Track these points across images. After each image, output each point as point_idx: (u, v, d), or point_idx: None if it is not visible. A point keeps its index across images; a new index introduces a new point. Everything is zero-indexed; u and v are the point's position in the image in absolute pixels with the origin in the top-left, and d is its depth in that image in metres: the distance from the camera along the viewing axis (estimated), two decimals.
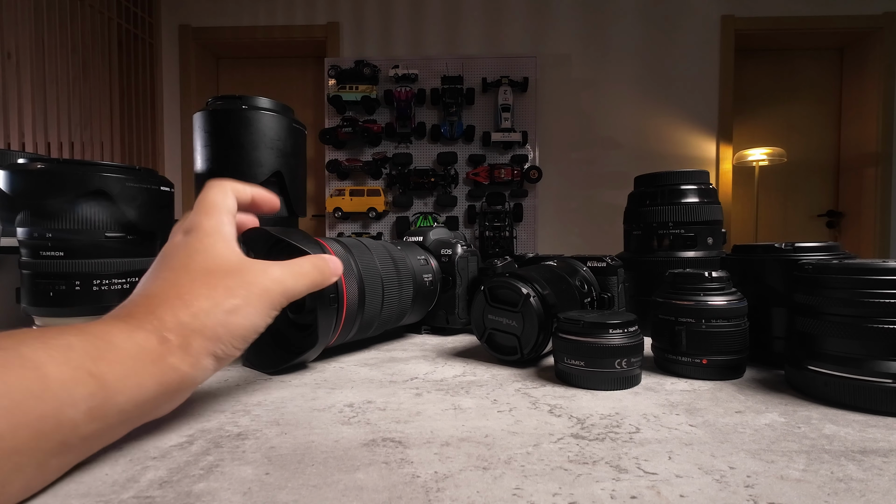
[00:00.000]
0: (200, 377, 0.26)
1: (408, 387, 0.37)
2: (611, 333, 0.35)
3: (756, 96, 3.10)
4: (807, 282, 0.35)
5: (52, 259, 0.41)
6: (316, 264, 0.33)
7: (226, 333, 0.27)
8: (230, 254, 0.30)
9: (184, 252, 0.29)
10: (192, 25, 3.02)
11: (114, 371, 0.22)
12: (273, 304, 0.29)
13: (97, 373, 0.21)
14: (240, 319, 0.27)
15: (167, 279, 0.28)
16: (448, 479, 0.22)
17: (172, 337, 0.25)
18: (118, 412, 0.22)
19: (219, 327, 0.26)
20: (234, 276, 0.28)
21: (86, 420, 0.21)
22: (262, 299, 0.28)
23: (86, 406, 0.21)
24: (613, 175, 2.86)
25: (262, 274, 0.29)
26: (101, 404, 0.21)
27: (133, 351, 0.23)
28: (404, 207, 2.81)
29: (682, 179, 0.53)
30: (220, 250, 0.29)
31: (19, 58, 2.24)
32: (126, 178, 0.43)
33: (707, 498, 0.21)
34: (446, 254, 0.55)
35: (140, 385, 0.23)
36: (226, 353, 0.27)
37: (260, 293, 0.28)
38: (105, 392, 0.22)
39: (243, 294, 0.28)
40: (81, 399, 0.21)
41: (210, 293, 0.27)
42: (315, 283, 0.33)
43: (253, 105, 0.47)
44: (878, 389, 0.30)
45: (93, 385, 0.21)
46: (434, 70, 2.79)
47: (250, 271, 0.29)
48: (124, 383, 0.22)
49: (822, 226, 3.11)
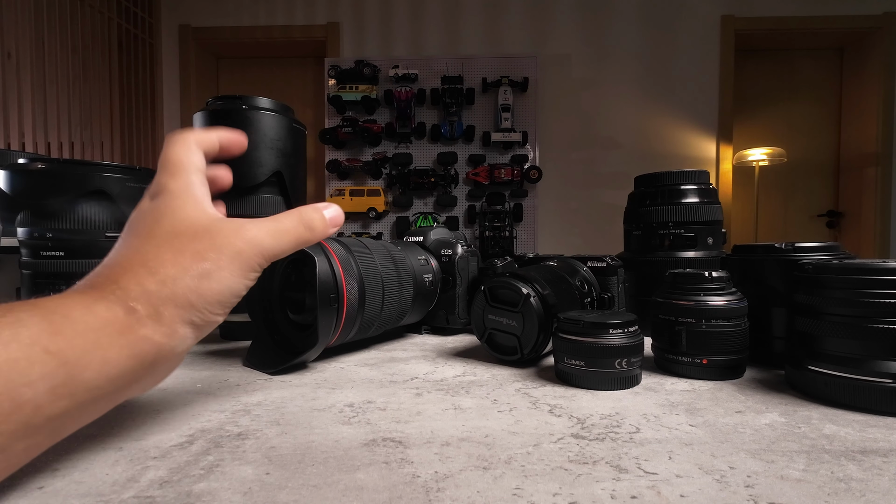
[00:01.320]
0: (180, 347, 0.25)
1: (408, 387, 0.37)
2: (611, 333, 0.35)
3: (756, 96, 3.10)
4: (807, 282, 0.35)
5: (52, 259, 0.41)
6: (303, 218, 0.29)
7: (199, 300, 0.25)
8: (200, 214, 0.27)
9: (150, 217, 0.27)
10: (192, 25, 3.02)
11: (73, 346, 0.21)
12: (250, 266, 0.27)
13: (54, 349, 0.20)
14: (213, 284, 0.25)
15: (131, 246, 0.26)
16: (448, 478, 0.22)
17: (140, 307, 0.23)
18: (86, 389, 0.21)
19: (190, 293, 0.25)
20: (202, 238, 0.26)
21: (49, 399, 0.20)
22: (235, 261, 0.26)
23: (46, 385, 0.19)
24: (613, 175, 2.86)
25: (235, 234, 0.27)
26: (65, 382, 0.20)
27: (94, 324, 0.22)
28: (404, 207, 2.81)
29: (682, 179, 0.53)
30: (189, 212, 0.27)
31: (19, 58, 2.24)
32: (126, 178, 0.43)
33: (707, 498, 0.21)
34: (446, 254, 0.55)
35: (107, 359, 0.22)
36: (204, 321, 0.25)
37: (232, 255, 0.26)
38: (66, 369, 0.20)
39: (213, 257, 0.26)
40: (39, 378, 0.19)
41: (176, 258, 0.25)
42: (300, 240, 0.29)
43: (253, 105, 0.47)
44: (878, 389, 0.30)
45: (51, 363, 0.20)
46: (434, 70, 2.79)
47: (220, 232, 0.27)
48: (88, 358, 0.21)
49: (822, 226, 3.11)
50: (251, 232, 0.27)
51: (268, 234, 0.28)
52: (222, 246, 0.26)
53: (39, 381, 0.19)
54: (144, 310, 0.23)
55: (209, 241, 0.26)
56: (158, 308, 0.24)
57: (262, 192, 0.48)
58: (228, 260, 0.26)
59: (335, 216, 0.31)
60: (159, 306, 0.24)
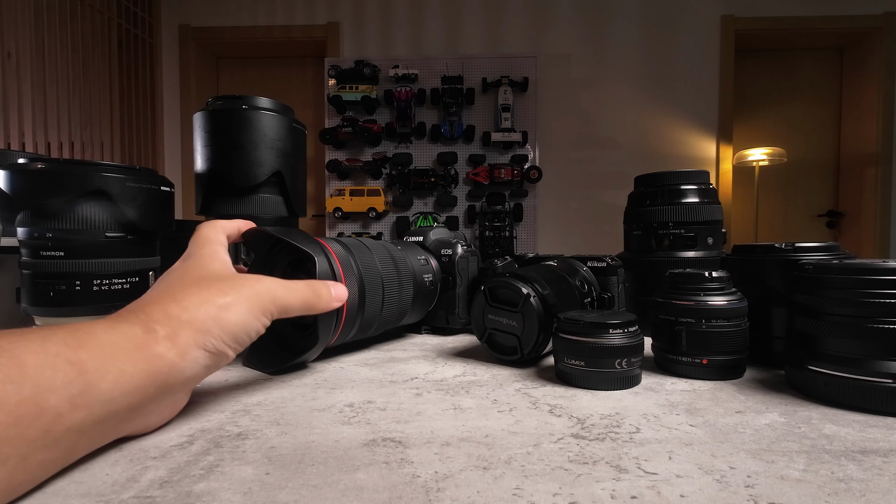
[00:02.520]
0: (190, 369, 0.26)
1: (408, 387, 0.37)
2: (611, 333, 0.35)
3: (756, 96, 3.10)
4: (807, 282, 0.35)
5: (52, 259, 0.41)
6: (312, 286, 0.34)
7: (216, 327, 0.27)
8: (224, 269, 0.32)
9: (180, 271, 0.31)
10: (192, 25, 3.02)
11: (94, 357, 0.22)
12: (264, 309, 0.30)
13: (76, 360, 0.22)
14: (231, 315, 0.28)
15: (161, 289, 0.29)
16: (448, 479, 0.22)
17: (159, 328, 0.25)
18: (102, 402, 0.22)
19: (209, 320, 0.27)
20: (225, 281, 0.30)
21: (69, 408, 0.21)
22: (253, 301, 0.30)
23: (66, 393, 0.21)
24: (613, 175, 2.86)
25: (255, 281, 0.31)
26: (83, 391, 0.21)
27: (114, 339, 0.24)
28: (404, 207, 2.81)
29: (682, 179, 0.53)
30: (216, 266, 0.32)
31: (19, 58, 2.24)
32: (126, 178, 0.43)
33: (707, 498, 0.21)
34: (446, 254, 0.55)
35: (123, 371, 0.23)
36: (216, 349, 0.27)
37: (251, 295, 0.30)
38: (85, 378, 0.21)
39: (234, 294, 0.29)
40: (62, 385, 0.21)
41: (201, 292, 0.28)
42: (308, 303, 0.34)
43: (253, 105, 0.47)
44: (878, 389, 0.30)
45: (72, 372, 0.21)
46: (434, 70, 2.79)
47: (241, 279, 0.31)
48: (106, 369, 0.22)
49: (822, 226, 3.11)
50: (268, 282, 0.31)
51: (281, 286, 0.32)
52: (242, 287, 0.30)
53: (62, 389, 0.21)
54: (163, 330, 0.25)
55: (231, 284, 0.30)
56: (176, 329, 0.26)
57: (262, 192, 0.48)
58: (247, 299, 0.29)
59: (340, 294, 0.36)
60: (178, 328, 0.26)
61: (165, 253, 0.50)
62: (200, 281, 0.29)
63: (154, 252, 0.47)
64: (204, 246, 0.33)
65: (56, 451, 0.21)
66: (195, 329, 0.26)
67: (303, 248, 0.38)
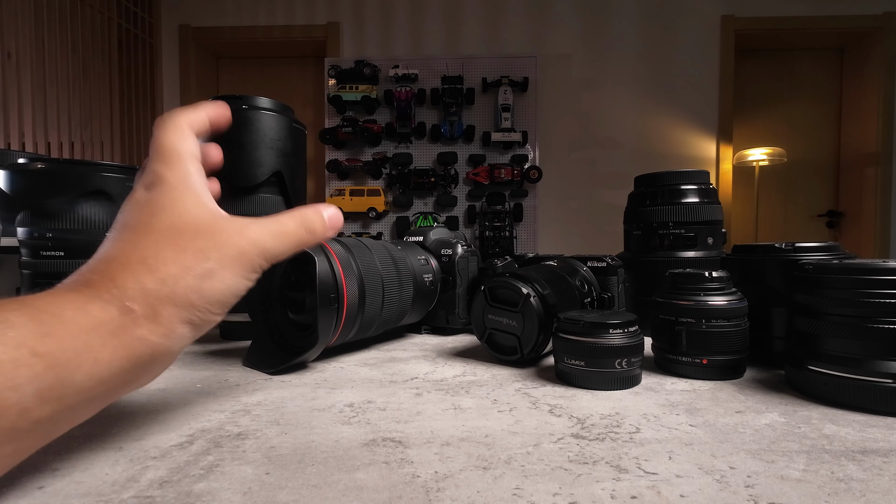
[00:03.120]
0: (177, 347, 0.24)
1: (408, 387, 0.37)
2: (611, 333, 0.35)
3: (756, 96, 3.10)
4: (807, 282, 0.35)
5: (52, 259, 0.41)
6: (304, 221, 0.29)
7: (200, 299, 0.24)
8: (201, 210, 0.26)
9: (147, 210, 0.26)
10: (192, 25, 3.02)
11: (64, 348, 0.20)
12: (252, 267, 0.26)
13: (43, 351, 0.19)
14: (215, 284, 0.25)
15: (128, 240, 0.25)
16: (448, 478, 0.22)
17: (137, 307, 0.23)
18: (76, 392, 0.20)
19: (191, 293, 0.24)
20: (205, 236, 0.25)
21: (36, 403, 0.19)
22: (239, 261, 0.26)
23: (33, 388, 0.19)
24: (613, 175, 2.86)
25: (238, 234, 0.26)
26: (53, 385, 0.19)
27: (87, 324, 0.21)
28: (404, 207, 2.81)
29: (682, 179, 0.53)
30: (189, 206, 0.26)
31: (19, 58, 2.24)
32: (126, 178, 0.43)
33: (707, 498, 0.21)
34: (446, 254, 0.55)
35: (98, 360, 0.21)
36: (203, 320, 0.25)
37: (236, 255, 0.26)
38: (55, 372, 0.19)
39: (217, 257, 0.25)
40: (26, 381, 0.19)
41: (178, 257, 0.24)
42: (301, 243, 0.29)
43: (253, 105, 0.47)
44: (878, 389, 0.30)
45: (39, 365, 0.19)
46: (434, 70, 2.79)
47: (223, 231, 0.26)
48: (79, 360, 0.20)
49: (822, 226, 3.11)
50: (254, 233, 0.27)
51: (270, 235, 0.27)
52: (225, 245, 0.26)
53: (26, 385, 0.19)
54: (141, 310, 0.23)
55: (212, 240, 0.25)
56: (156, 307, 0.23)
57: (262, 192, 0.48)
58: (231, 260, 0.25)
59: (334, 217, 0.30)
60: (157, 306, 0.23)
61: None
62: (175, 235, 0.25)
63: None
64: (171, 166, 0.26)
65: (27, 441, 0.20)
66: (176, 305, 0.24)
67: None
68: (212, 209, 0.27)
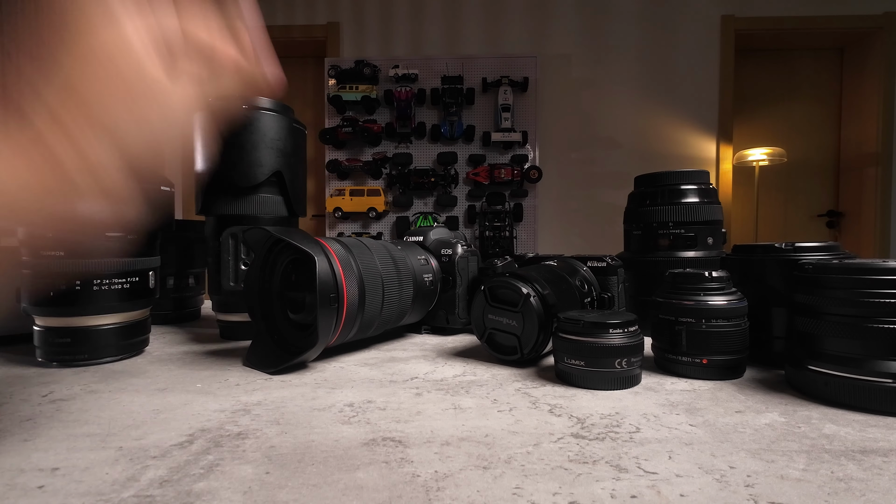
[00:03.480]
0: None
1: (408, 387, 0.37)
2: (611, 333, 0.35)
3: (756, 96, 3.10)
4: (807, 282, 0.35)
5: (52, 259, 0.41)
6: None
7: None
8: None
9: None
10: None
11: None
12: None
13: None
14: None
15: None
16: (448, 478, 0.22)
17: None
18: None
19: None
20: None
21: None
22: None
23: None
24: (613, 175, 2.86)
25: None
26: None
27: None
28: (404, 207, 2.81)
29: (682, 179, 0.53)
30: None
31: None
32: None
33: (707, 497, 0.21)
34: (446, 254, 0.55)
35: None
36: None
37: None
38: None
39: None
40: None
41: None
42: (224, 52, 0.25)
43: (253, 105, 0.47)
44: (878, 389, 0.30)
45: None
46: (434, 70, 2.79)
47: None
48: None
49: (822, 226, 3.11)
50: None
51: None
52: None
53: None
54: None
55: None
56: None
57: (262, 191, 0.48)
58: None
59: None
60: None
61: (165, 253, 0.50)
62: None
63: (154, 252, 0.47)
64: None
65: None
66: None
67: (303, 247, 0.38)
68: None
